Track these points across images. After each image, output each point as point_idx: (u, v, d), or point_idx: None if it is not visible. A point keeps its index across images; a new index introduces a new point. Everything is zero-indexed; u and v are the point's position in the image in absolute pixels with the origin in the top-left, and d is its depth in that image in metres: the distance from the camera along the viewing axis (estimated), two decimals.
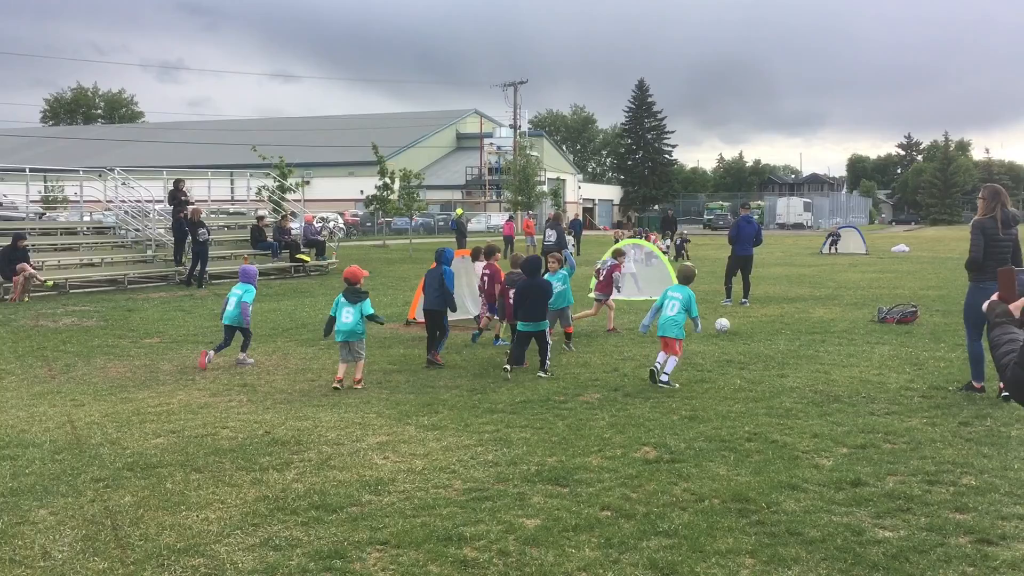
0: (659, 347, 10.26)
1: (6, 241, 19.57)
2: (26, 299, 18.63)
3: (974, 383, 9.16)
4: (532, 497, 5.99)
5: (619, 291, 17.34)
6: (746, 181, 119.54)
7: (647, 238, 26.59)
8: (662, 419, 8.17)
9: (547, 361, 10.55)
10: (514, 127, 73.41)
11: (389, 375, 10.63)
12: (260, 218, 27.27)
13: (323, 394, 9.56)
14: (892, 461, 6.69)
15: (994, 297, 2.97)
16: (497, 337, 12.96)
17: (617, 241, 23.98)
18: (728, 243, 18.60)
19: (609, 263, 14.99)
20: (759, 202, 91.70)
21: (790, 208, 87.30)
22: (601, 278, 14.63)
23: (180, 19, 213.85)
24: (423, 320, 15.01)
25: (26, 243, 19.72)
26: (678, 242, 35.60)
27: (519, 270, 11.46)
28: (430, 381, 10.20)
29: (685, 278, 10.69)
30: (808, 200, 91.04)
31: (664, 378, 9.69)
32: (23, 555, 5.04)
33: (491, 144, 79.67)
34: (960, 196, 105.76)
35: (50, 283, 19.95)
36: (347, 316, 10.00)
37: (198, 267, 22.17)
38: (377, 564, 4.89)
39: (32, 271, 19.23)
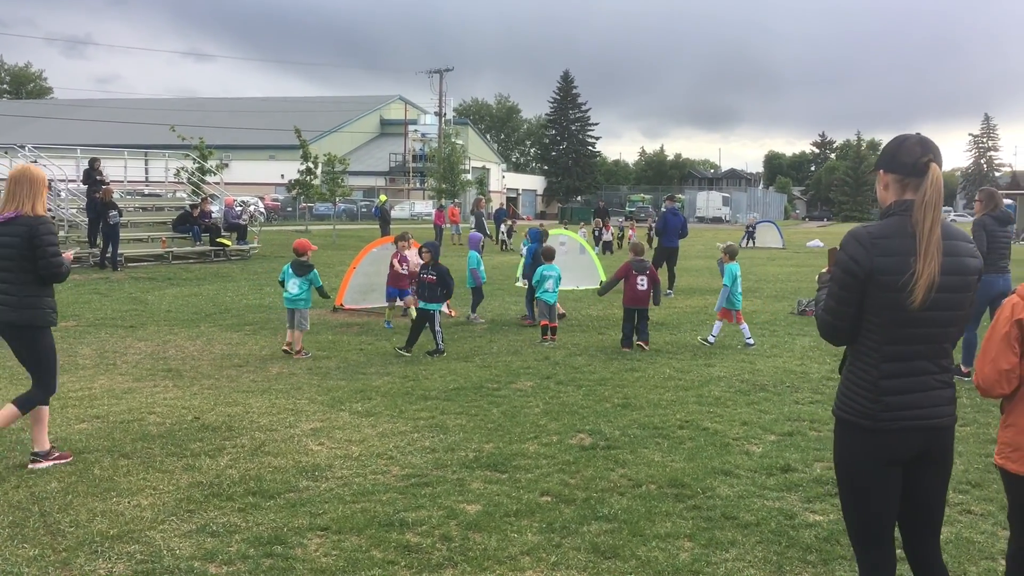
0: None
1: None
2: None
3: (962, 367, 9.69)
4: (471, 483, 6.00)
5: None
6: (667, 175, 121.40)
7: (605, 228, 26.62)
8: (595, 407, 8.27)
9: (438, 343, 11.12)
10: (440, 115, 73.03)
11: (319, 361, 10.49)
12: (193, 206, 26.52)
13: (252, 380, 9.39)
14: (818, 448, 6.90)
15: (823, 270, 3.64)
16: (389, 321, 13.44)
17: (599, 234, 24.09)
18: (655, 235, 18.87)
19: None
20: (680, 196, 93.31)
21: (709, 202, 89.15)
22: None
23: None
24: (351, 306, 15.00)
25: None
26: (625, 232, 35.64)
27: (639, 257, 12.06)
28: (361, 367, 10.11)
29: (735, 254, 12.25)
30: (727, 195, 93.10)
31: (751, 341, 11.85)
32: None
33: (415, 131, 79.19)
34: (871, 194, 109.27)
35: None
36: (293, 287, 11.02)
37: (110, 249, 21.47)
38: (319, 550, 4.84)
39: None
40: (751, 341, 11.86)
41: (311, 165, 40.22)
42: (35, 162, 25.19)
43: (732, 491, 5.87)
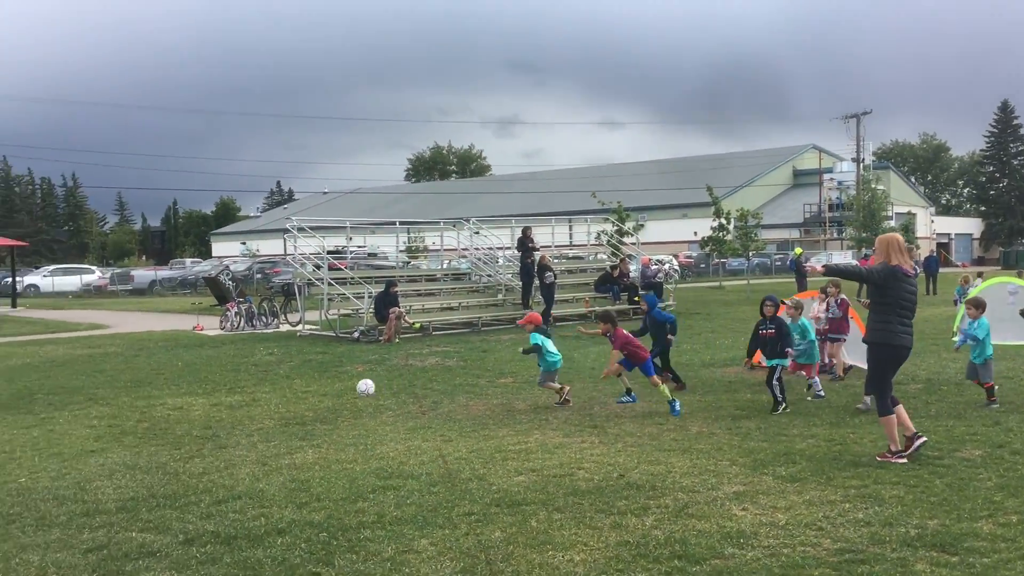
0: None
1: (381, 287, 21.83)
2: (397, 340, 20.57)
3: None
4: (915, 563, 5.45)
5: None
6: None
7: None
8: None
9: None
10: (857, 160, 69.47)
11: (738, 421, 10.32)
12: (613, 267, 28.05)
13: (673, 438, 9.47)
14: None
15: None
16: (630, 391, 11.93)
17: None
18: None
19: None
20: None
21: None
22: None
23: (513, 78, 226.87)
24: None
25: (397, 289, 21.84)
26: None
27: None
28: (783, 429, 9.75)
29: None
30: None
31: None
32: None
33: (831, 179, 76.19)
34: None
35: (417, 325, 21.91)
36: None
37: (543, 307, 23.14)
38: None
39: (402, 314, 21.25)
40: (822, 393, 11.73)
41: (723, 221, 40.32)
42: (477, 233, 28.23)
43: None
